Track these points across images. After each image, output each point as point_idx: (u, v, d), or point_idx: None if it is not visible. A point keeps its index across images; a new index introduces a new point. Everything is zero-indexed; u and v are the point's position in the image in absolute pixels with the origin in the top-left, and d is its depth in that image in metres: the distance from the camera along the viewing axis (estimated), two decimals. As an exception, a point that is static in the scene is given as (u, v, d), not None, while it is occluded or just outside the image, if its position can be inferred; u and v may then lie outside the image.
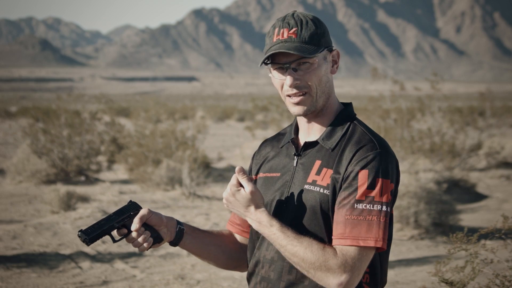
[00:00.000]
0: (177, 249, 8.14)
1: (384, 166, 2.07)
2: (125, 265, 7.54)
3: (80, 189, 12.63)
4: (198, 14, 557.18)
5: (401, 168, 10.66)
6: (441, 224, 9.17)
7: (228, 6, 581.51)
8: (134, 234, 2.24)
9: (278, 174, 2.26)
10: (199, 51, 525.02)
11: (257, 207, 2.14)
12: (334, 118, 2.22)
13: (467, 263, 3.61)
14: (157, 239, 2.28)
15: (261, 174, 2.33)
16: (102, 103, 33.47)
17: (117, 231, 2.28)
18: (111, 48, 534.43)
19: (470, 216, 10.50)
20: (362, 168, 2.06)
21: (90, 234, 2.23)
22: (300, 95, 2.16)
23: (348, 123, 2.20)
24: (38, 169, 13.92)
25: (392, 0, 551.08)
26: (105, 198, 11.95)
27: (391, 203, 2.08)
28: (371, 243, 2.02)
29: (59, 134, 14.80)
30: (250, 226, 2.29)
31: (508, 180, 14.62)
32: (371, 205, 2.04)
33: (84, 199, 11.29)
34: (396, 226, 9.22)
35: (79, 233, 2.21)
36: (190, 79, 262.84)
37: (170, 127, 14.79)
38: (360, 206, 2.04)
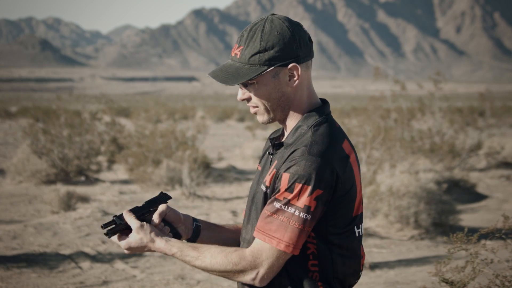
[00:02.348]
0: (177, 249, 8.12)
1: (307, 171, 2.05)
2: (125, 265, 7.54)
3: (80, 189, 12.62)
4: (198, 14, 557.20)
5: (401, 168, 10.65)
6: (441, 224, 9.16)
7: (228, 6, 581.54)
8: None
9: (260, 168, 2.34)
10: (199, 51, 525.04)
11: (150, 240, 2.22)
12: (300, 120, 2.23)
13: (468, 263, 3.61)
14: (175, 236, 2.33)
15: (259, 166, 2.41)
16: (102, 103, 33.43)
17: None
18: (111, 48, 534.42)
19: (470, 216, 10.50)
20: (285, 171, 2.09)
21: (124, 220, 2.28)
22: (253, 109, 2.24)
23: (311, 125, 2.18)
24: (38, 169, 13.92)
25: (392, 0, 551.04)
26: (105, 198, 11.95)
27: (314, 210, 2.06)
28: (274, 243, 2.07)
29: (59, 134, 14.79)
30: None
31: (508, 180, 14.61)
32: (286, 207, 2.07)
33: (84, 199, 11.29)
34: (396, 226, 9.22)
35: (114, 217, 2.27)
36: (190, 79, 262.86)
37: (170, 127, 14.79)
38: (276, 205, 2.08)
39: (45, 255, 7.87)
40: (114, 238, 2.28)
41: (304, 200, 2.05)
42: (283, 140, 2.29)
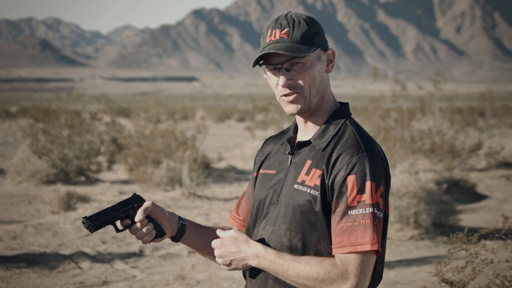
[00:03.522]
0: (177, 249, 8.13)
1: (371, 169, 2.05)
2: (125, 265, 7.54)
3: (80, 189, 12.62)
4: (198, 14, 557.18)
5: (401, 168, 10.65)
6: (441, 224, 9.16)
7: (228, 6, 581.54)
8: (138, 225, 2.27)
9: (274, 172, 2.28)
10: (199, 51, 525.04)
11: (246, 241, 2.15)
12: (328, 117, 2.22)
13: (467, 263, 3.61)
14: (159, 233, 2.30)
15: (261, 171, 2.36)
16: (102, 103, 33.38)
17: (120, 221, 2.29)
18: (111, 48, 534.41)
19: (470, 216, 10.50)
20: (349, 174, 2.06)
21: (95, 221, 2.24)
22: (293, 95, 2.17)
23: (341, 123, 2.19)
24: (38, 169, 13.92)
25: (392, 0, 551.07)
26: (105, 198, 11.95)
27: (383, 205, 2.07)
28: (368, 247, 2.02)
29: (59, 134, 14.79)
30: (247, 220, 2.33)
31: (508, 180, 14.61)
32: (364, 209, 2.03)
33: (84, 199, 11.29)
34: (396, 226, 9.21)
35: (84, 219, 2.22)
36: (190, 79, 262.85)
37: (170, 127, 14.78)
38: (353, 212, 2.04)
39: (45, 255, 7.87)
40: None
41: (375, 197, 2.04)
42: (305, 138, 2.23)
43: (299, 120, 2.26)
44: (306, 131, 2.25)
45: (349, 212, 2.04)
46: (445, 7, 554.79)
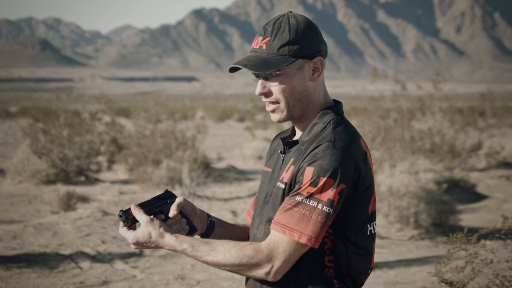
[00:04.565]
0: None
1: (333, 165, 2.05)
2: (125, 265, 7.54)
3: (80, 189, 12.62)
4: (198, 14, 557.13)
5: (401, 168, 10.64)
6: (441, 224, 9.16)
7: (228, 6, 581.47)
8: (172, 220, 2.28)
9: (270, 170, 2.31)
10: (199, 51, 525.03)
11: (159, 235, 2.18)
12: (316, 117, 2.23)
13: (467, 263, 3.61)
14: (191, 229, 2.32)
15: (264, 168, 2.40)
16: (102, 103, 33.40)
17: (154, 216, 2.29)
18: (111, 48, 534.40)
19: (470, 216, 10.50)
20: (309, 165, 2.08)
21: (131, 215, 2.25)
22: (272, 105, 2.20)
23: (327, 122, 2.19)
24: (38, 169, 13.92)
25: (392, 0, 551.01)
26: (105, 198, 11.95)
27: (337, 204, 2.06)
28: (295, 236, 2.05)
29: (59, 134, 14.80)
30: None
31: (508, 180, 14.61)
32: (308, 200, 2.05)
33: (84, 199, 11.29)
34: (396, 226, 9.22)
35: (121, 212, 2.24)
36: (190, 79, 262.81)
37: (170, 127, 14.78)
38: (298, 198, 2.07)
39: (45, 255, 7.87)
40: (122, 230, 2.25)
41: (328, 194, 2.04)
42: (295, 138, 2.28)
43: (292, 121, 2.29)
44: (298, 131, 2.28)
45: (296, 198, 2.07)
46: (445, 7, 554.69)
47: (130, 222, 2.24)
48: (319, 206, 2.04)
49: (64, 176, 14.33)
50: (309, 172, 2.06)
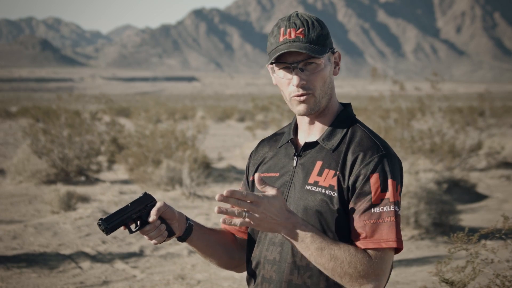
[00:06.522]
0: (177, 249, 8.14)
1: (391, 167, 2.08)
2: (125, 265, 7.54)
3: (80, 189, 12.63)
4: (198, 14, 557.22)
5: (401, 168, 10.65)
6: (441, 224, 9.16)
7: (228, 6, 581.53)
8: (150, 226, 2.22)
9: (277, 174, 2.24)
10: (199, 51, 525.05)
11: (287, 209, 2.03)
12: (334, 118, 2.21)
13: (468, 263, 3.61)
14: (170, 233, 2.27)
15: (261, 175, 2.31)
16: (102, 103, 33.40)
17: (133, 222, 2.25)
18: (111, 48, 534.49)
19: (470, 216, 10.50)
20: (372, 172, 2.06)
21: (111, 223, 2.21)
22: (305, 95, 2.15)
23: (348, 124, 2.19)
24: (38, 169, 13.92)
25: (392, 0, 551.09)
26: (105, 198, 11.95)
27: (400, 203, 2.11)
28: (393, 244, 2.03)
29: (59, 134, 14.80)
30: (247, 226, 2.24)
31: (508, 180, 14.61)
32: (388, 207, 2.05)
33: (84, 199, 11.30)
34: (396, 226, 9.21)
35: (100, 221, 2.19)
36: (190, 79, 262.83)
37: (170, 127, 14.78)
38: (377, 209, 2.05)
39: (45, 255, 7.87)
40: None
41: (396, 195, 2.07)
42: (310, 140, 2.22)
43: (304, 121, 2.24)
44: (311, 132, 2.23)
45: (372, 209, 2.05)
46: (445, 7, 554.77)
47: (110, 231, 2.20)
48: (395, 208, 2.06)
49: (64, 176, 14.33)
50: (375, 179, 2.06)
